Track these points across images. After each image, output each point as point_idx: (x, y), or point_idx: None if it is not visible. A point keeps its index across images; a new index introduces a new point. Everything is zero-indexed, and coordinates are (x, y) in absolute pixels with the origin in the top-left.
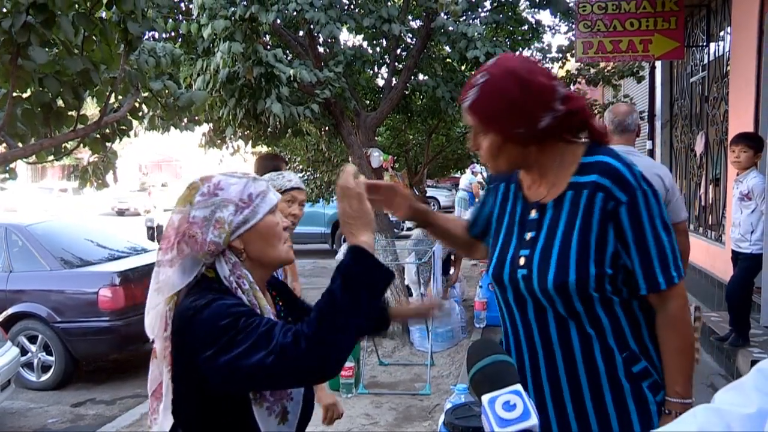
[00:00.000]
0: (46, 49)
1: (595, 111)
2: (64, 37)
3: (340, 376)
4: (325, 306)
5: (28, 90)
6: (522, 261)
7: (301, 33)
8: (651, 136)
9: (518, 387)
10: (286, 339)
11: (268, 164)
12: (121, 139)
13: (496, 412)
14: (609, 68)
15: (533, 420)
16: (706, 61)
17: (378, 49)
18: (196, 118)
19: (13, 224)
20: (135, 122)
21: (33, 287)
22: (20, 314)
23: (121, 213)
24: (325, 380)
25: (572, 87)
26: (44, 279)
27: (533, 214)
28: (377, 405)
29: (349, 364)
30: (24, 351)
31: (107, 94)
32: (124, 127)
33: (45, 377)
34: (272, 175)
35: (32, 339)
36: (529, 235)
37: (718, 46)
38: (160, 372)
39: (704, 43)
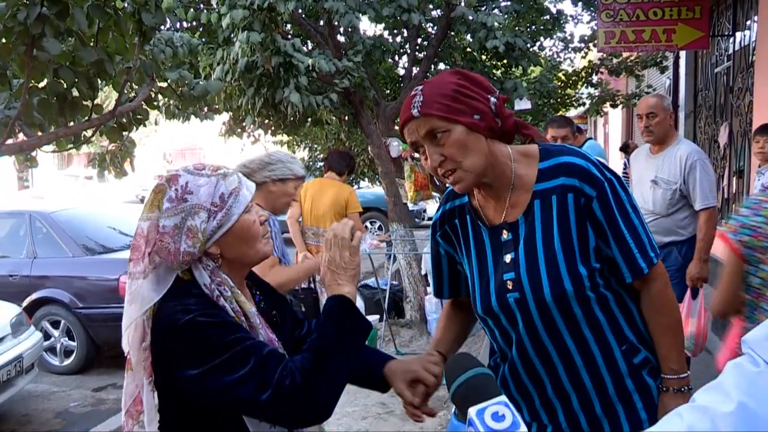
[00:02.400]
0: (62, 40)
1: (618, 102)
2: (78, 28)
3: None
4: (322, 348)
5: (44, 80)
6: (510, 285)
7: (321, 22)
8: (674, 128)
9: (504, 398)
10: (285, 379)
11: (345, 156)
12: (137, 128)
13: (485, 423)
14: (632, 58)
15: (522, 429)
16: (731, 51)
17: (398, 38)
18: (216, 107)
19: (38, 211)
20: (154, 111)
21: (56, 273)
22: (44, 299)
23: (144, 201)
24: (318, 419)
25: (594, 77)
26: (67, 265)
27: (505, 235)
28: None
29: None
30: (47, 336)
31: (122, 84)
32: (140, 117)
33: (67, 362)
34: (286, 157)
35: (55, 324)
36: (508, 257)
37: (744, 35)
38: (136, 385)
39: (730, 33)
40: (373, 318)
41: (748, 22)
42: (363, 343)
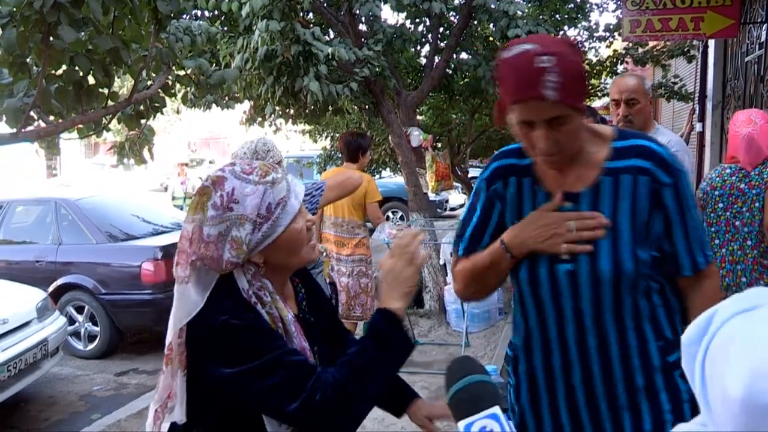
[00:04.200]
0: (77, 28)
1: None
2: (94, 17)
3: None
4: (360, 365)
5: (61, 68)
6: (564, 255)
7: (342, 11)
8: (701, 118)
9: (495, 410)
10: (316, 392)
11: (349, 140)
12: (155, 116)
13: None
14: (658, 47)
15: None
16: (763, 38)
17: (420, 27)
18: (236, 95)
19: (63, 198)
20: (175, 100)
21: (80, 259)
22: (68, 285)
23: (167, 189)
24: None
25: (620, 67)
26: (91, 252)
27: (566, 205)
28: (410, 384)
29: None
30: (72, 321)
31: (138, 72)
32: (157, 105)
33: (91, 346)
34: (270, 141)
35: (79, 309)
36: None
37: None
38: (173, 377)
39: (763, 20)
40: None
41: None
42: (403, 362)
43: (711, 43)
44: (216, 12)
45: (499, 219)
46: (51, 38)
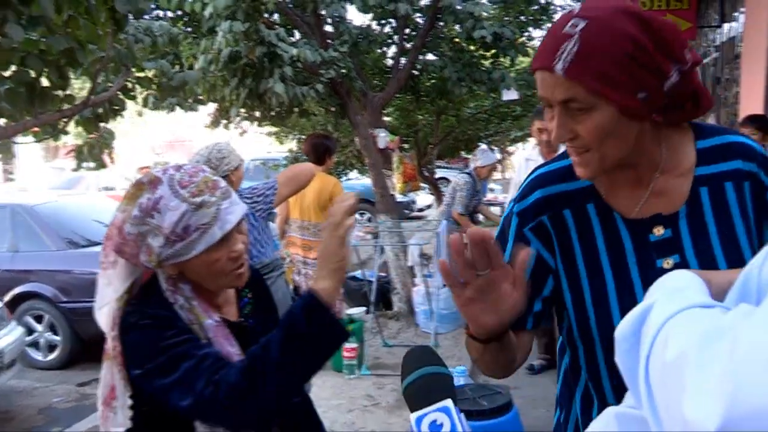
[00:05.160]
0: (29, 27)
1: None
2: (44, 15)
3: (342, 357)
4: (257, 359)
5: (10, 69)
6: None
7: (307, 12)
8: None
9: (447, 403)
10: (207, 387)
11: (315, 142)
12: (114, 119)
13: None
14: None
15: None
16: (718, 42)
17: (386, 28)
18: (200, 97)
19: (19, 204)
20: (136, 102)
21: (39, 267)
22: (26, 294)
23: None
24: (248, 429)
25: None
26: (50, 259)
27: (657, 232)
28: (380, 386)
29: (352, 345)
30: (30, 331)
31: (95, 73)
32: (116, 107)
33: (51, 356)
34: (227, 146)
35: (38, 318)
36: (668, 263)
37: (731, 26)
38: (112, 374)
39: (717, 24)
40: (360, 310)
41: (735, 13)
42: (330, 348)
43: None
44: (179, 12)
45: (538, 265)
46: None
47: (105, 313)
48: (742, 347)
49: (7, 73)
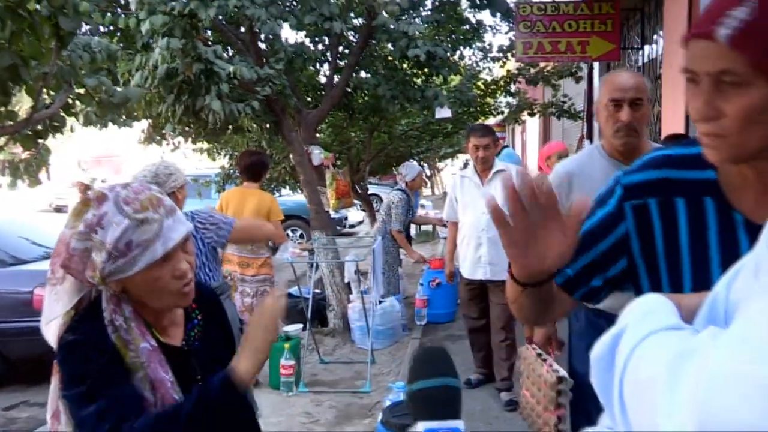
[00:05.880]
0: None
1: (536, 110)
2: None
3: (280, 375)
4: (167, 418)
5: None
6: None
7: (242, 29)
8: (589, 136)
9: (459, 424)
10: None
11: (253, 159)
12: (54, 136)
13: None
14: (548, 68)
15: None
16: (641, 63)
17: (320, 46)
18: (135, 114)
19: None
20: (70, 118)
21: None
22: None
23: (58, 210)
24: None
25: (512, 86)
26: None
27: None
28: (318, 403)
29: (289, 362)
30: None
31: (38, 90)
32: (56, 124)
33: None
34: (173, 165)
35: None
36: None
37: (652, 48)
38: (57, 389)
39: (639, 46)
40: (296, 327)
41: (655, 36)
42: (232, 428)
43: (595, 65)
44: (111, 28)
45: (619, 242)
46: None
47: (52, 327)
48: (710, 368)
49: None
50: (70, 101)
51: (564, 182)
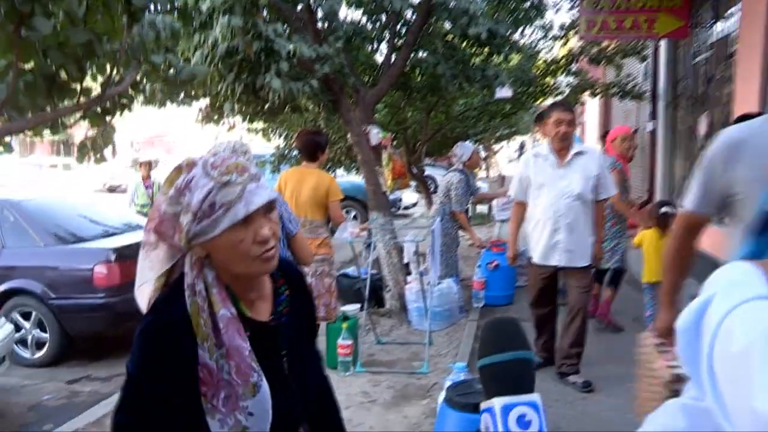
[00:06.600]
0: (50, 20)
1: (597, 91)
2: (68, 8)
3: (337, 354)
4: None
5: (31, 62)
6: None
7: (299, 7)
8: (653, 117)
9: (536, 398)
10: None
11: (312, 138)
12: (122, 114)
13: (507, 423)
14: (612, 47)
15: None
16: (711, 40)
17: (377, 24)
18: (194, 93)
19: (5, 199)
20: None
21: (27, 263)
22: (13, 290)
23: (112, 190)
24: None
25: (574, 66)
26: (38, 255)
27: None
28: (375, 383)
29: (347, 342)
30: (18, 327)
31: (109, 66)
32: (125, 101)
33: (39, 354)
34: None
35: (26, 315)
36: None
37: (725, 25)
38: None
39: (710, 23)
40: (353, 307)
41: (729, 12)
42: None
43: (662, 43)
44: (169, 6)
45: None
46: (24, 30)
47: (144, 291)
48: None
49: (27, 67)
50: (137, 79)
51: (731, 150)
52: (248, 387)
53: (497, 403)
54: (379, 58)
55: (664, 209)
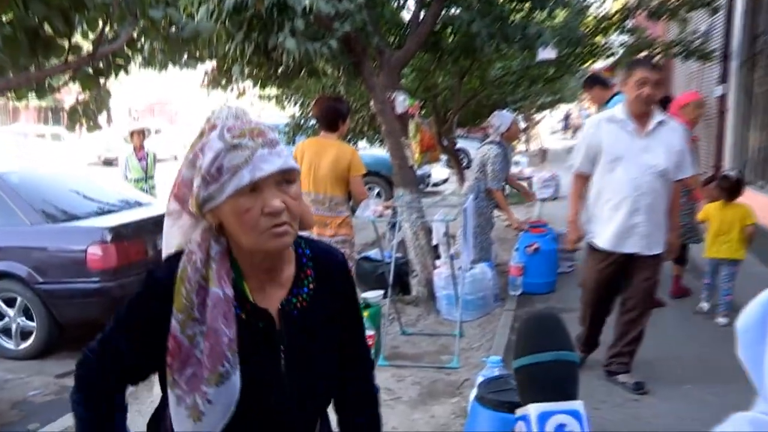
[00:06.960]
0: None
1: (657, 50)
2: None
3: None
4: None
5: (10, 14)
6: None
7: None
8: (723, 80)
9: (579, 406)
10: (90, 368)
11: (330, 107)
12: (117, 75)
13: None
14: None
15: None
16: None
17: None
18: (198, 53)
19: None
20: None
21: (10, 243)
22: None
23: (108, 163)
24: None
25: (629, 22)
26: (24, 234)
27: None
28: (399, 378)
29: (369, 332)
30: (1, 315)
31: (101, 21)
32: (120, 61)
33: (25, 345)
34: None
35: (10, 302)
36: None
37: None
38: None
39: None
40: (376, 294)
41: None
42: None
43: None
44: None
45: None
46: None
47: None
48: None
49: (6, 18)
50: (134, 36)
51: None
52: (214, 374)
53: (533, 410)
54: (407, 15)
55: (725, 173)
